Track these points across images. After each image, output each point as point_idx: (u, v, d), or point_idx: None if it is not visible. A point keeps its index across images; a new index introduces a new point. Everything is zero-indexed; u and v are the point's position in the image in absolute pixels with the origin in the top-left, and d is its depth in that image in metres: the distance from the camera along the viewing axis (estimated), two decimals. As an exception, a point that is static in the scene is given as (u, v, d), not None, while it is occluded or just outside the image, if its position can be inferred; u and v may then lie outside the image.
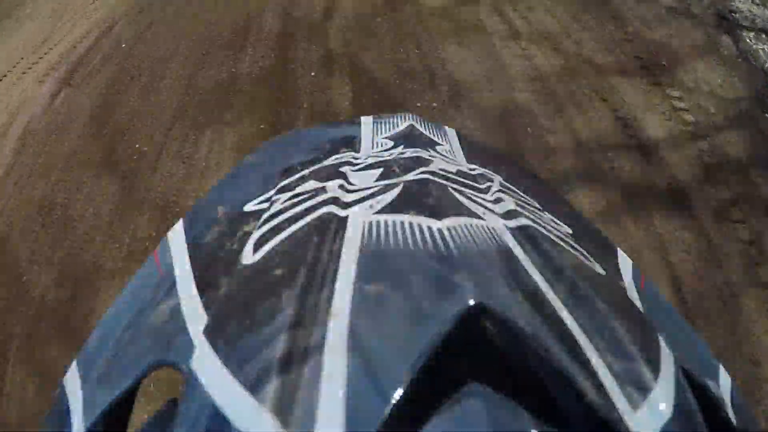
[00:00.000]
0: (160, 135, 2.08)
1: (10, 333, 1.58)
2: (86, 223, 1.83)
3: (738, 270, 1.63)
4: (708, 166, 1.92)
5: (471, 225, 0.22)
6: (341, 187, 0.26)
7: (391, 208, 0.23)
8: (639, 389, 0.15)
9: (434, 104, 2.12)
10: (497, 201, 0.27)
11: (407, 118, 0.43)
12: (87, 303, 1.64)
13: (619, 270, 0.29)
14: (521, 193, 0.31)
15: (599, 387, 0.15)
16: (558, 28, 2.45)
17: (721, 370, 0.26)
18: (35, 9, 2.76)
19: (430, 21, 2.48)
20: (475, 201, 0.26)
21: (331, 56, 2.33)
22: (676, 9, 2.51)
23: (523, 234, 0.23)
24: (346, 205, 0.24)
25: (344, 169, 0.30)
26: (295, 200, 0.26)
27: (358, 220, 0.22)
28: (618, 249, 0.32)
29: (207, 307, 0.21)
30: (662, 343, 0.18)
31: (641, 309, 0.25)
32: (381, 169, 0.29)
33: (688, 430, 0.16)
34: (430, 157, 0.32)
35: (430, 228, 0.21)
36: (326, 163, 0.33)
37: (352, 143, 0.39)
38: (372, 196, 0.25)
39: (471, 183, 0.29)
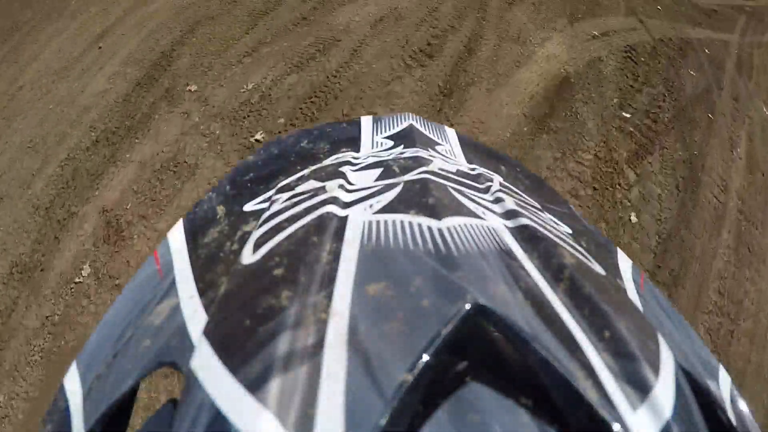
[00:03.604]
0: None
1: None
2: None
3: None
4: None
5: (471, 225, 0.22)
6: (341, 186, 0.26)
7: (391, 207, 0.23)
8: (639, 389, 0.15)
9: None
10: (497, 201, 0.27)
11: (407, 117, 0.43)
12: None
13: (618, 270, 0.29)
14: (521, 193, 0.31)
15: (599, 387, 0.15)
16: None
17: (721, 370, 0.26)
18: None
19: None
20: (475, 201, 0.26)
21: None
22: None
23: (523, 234, 0.23)
24: (346, 205, 0.24)
25: (344, 168, 0.30)
26: (295, 200, 0.26)
27: (358, 219, 0.22)
28: (618, 249, 0.32)
29: (207, 307, 0.21)
30: (662, 343, 0.18)
31: (641, 309, 0.25)
32: (381, 169, 0.29)
33: (688, 430, 0.15)
34: (429, 157, 0.32)
35: (430, 228, 0.21)
36: (326, 162, 0.33)
37: (352, 143, 0.39)
38: (372, 195, 0.25)
39: (471, 183, 0.29)
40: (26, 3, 2.93)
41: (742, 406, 0.24)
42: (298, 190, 0.27)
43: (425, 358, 0.15)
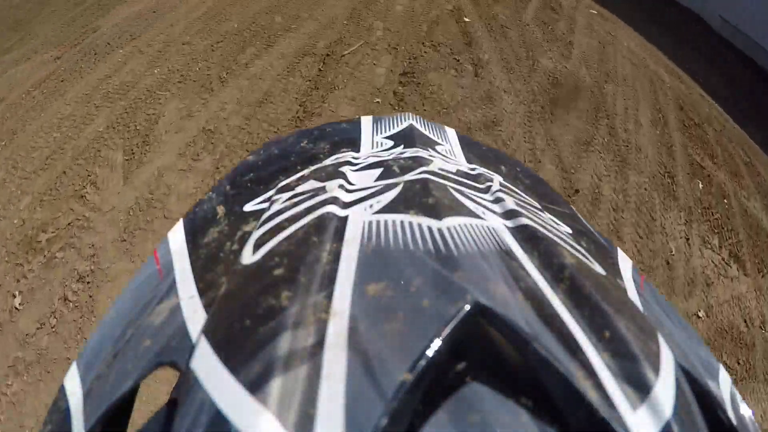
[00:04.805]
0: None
1: None
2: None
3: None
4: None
5: (471, 225, 0.22)
6: (341, 186, 0.26)
7: (390, 207, 0.23)
8: (639, 389, 0.15)
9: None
10: (497, 201, 0.27)
11: (407, 117, 0.43)
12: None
13: (618, 269, 0.29)
14: (521, 193, 0.31)
15: (599, 387, 0.15)
16: None
17: (722, 370, 0.26)
18: None
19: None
20: (475, 201, 0.26)
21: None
22: None
23: (523, 234, 0.23)
24: (346, 205, 0.24)
25: (344, 168, 0.30)
26: (295, 200, 0.26)
27: (358, 219, 0.22)
28: (618, 249, 0.32)
29: (207, 307, 0.21)
30: (662, 343, 0.18)
31: (641, 309, 0.25)
32: (381, 169, 0.29)
33: (688, 430, 0.15)
34: (429, 157, 0.32)
35: (430, 228, 0.21)
36: (326, 162, 0.33)
37: (352, 143, 0.39)
38: (372, 195, 0.25)
39: (471, 183, 0.29)
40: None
41: (743, 406, 0.24)
42: (299, 190, 0.27)
43: (425, 358, 0.15)
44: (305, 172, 0.31)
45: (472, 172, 0.32)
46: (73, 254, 1.55)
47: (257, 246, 0.22)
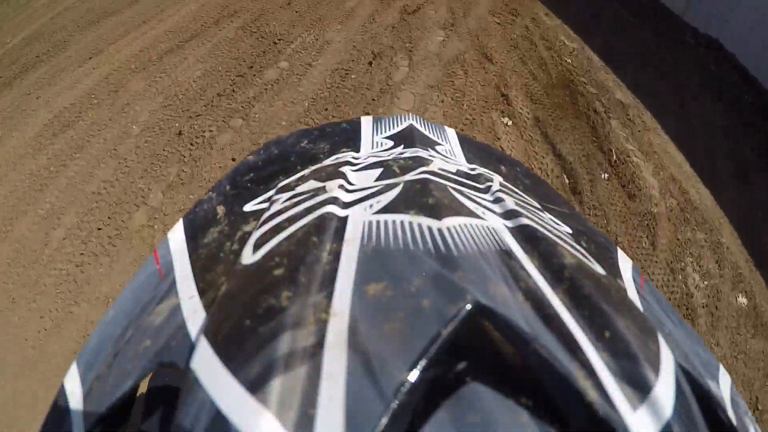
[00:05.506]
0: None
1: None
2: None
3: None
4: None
5: (471, 225, 0.22)
6: (341, 186, 0.26)
7: (391, 207, 0.23)
8: (639, 389, 0.15)
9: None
10: (497, 201, 0.27)
11: (407, 117, 0.43)
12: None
13: (618, 269, 0.29)
14: (521, 193, 0.31)
15: (599, 387, 0.15)
16: None
17: (721, 369, 0.26)
18: None
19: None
20: (475, 201, 0.26)
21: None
22: None
23: (523, 234, 0.23)
24: (346, 205, 0.24)
25: (344, 168, 0.30)
26: (295, 200, 0.26)
27: (358, 219, 0.22)
28: (618, 249, 0.32)
29: (207, 307, 0.21)
30: (662, 343, 0.18)
31: (641, 309, 0.25)
32: (381, 169, 0.29)
33: (689, 430, 0.15)
34: (429, 157, 0.32)
35: (430, 228, 0.21)
36: (326, 162, 0.33)
37: (352, 143, 0.39)
38: (372, 195, 0.25)
39: (471, 183, 0.29)
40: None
41: (743, 405, 0.24)
42: (299, 190, 0.27)
43: (425, 358, 0.15)
44: (305, 172, 0.31)
45: (472, 172, 0.32)
46: None
47: (257, 246, 0.22)
